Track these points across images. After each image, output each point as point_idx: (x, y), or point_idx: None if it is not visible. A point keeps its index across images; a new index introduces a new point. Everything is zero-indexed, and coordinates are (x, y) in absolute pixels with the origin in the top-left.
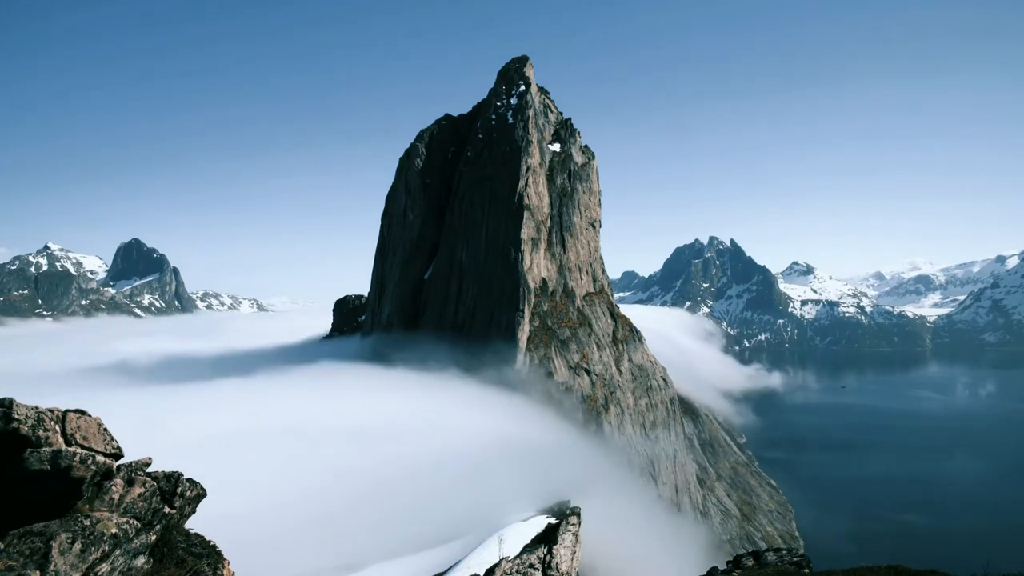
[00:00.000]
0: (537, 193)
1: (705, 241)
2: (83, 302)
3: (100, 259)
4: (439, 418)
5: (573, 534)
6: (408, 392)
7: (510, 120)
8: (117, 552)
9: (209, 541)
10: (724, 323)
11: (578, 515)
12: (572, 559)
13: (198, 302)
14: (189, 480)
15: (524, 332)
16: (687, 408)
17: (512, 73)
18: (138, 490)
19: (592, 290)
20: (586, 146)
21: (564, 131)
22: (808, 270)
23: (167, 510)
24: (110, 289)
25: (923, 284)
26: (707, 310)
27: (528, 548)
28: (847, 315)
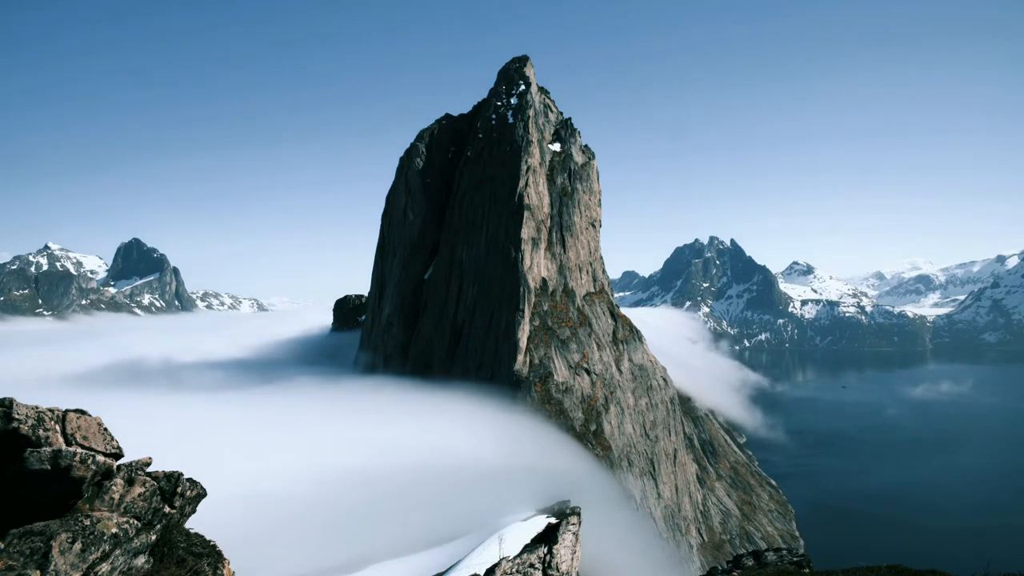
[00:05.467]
0: (537, 193)
1: (705, 241)
2: (83, 302)
3: (100, 259)
4: (439, 419)
5: (573, 534)
6: (408, 393)
7: (510, 120)
8: (117, 552)
9: (209, 541)
10: (724, 323)
11: (578, 515)
12: (572, 559)
13: (198, 302)
14: (189, 480)
15: (524, 332)
16: (687, 408)
17: (512, 73)
18: (138, 490)
19: (592, 290)
20: (586, 146)
21: (564, 131)
22: (808, 270)
23: (167, 510)
24: (110, 289)
25: (923, 284)
26: (707, 310)
27: (528, 548)
28: (847, 315)
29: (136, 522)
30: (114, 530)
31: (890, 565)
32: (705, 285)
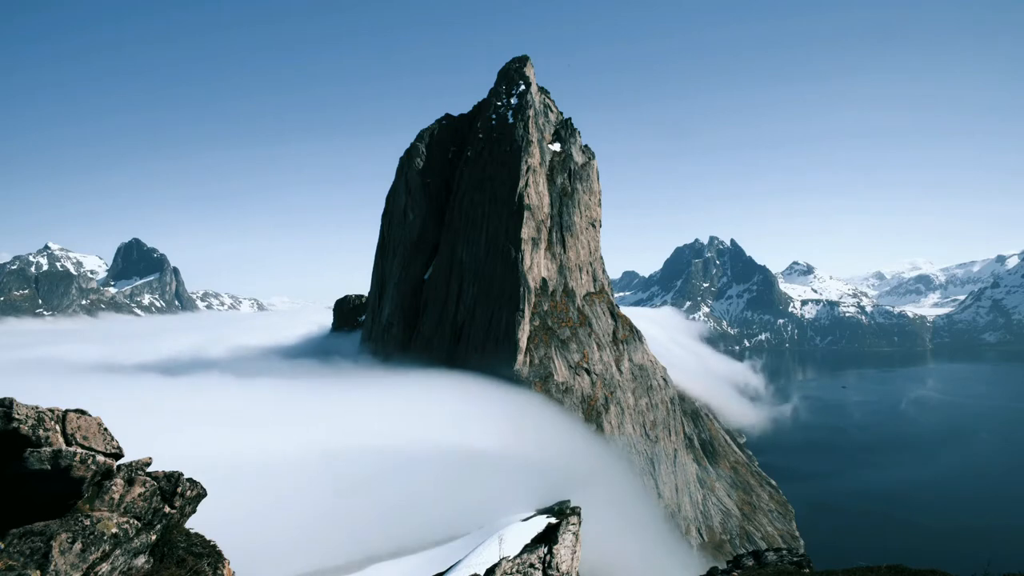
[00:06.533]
0: (537, 193)
1: (705, 241)
2: (83, 302)
3: (100, 259)
4: (440, 419)
5: (573, 534)
6: (408, 393)
7: (510, 120)
8: (117, 552)
9: (209, 541)
10: (724, 323)
11: (578, 515)
12: (572, 559)
13: (198, 302)
14: (189, 480)
15: (524, 332)
16: (687, 408)
17: (512, 73)
18: (138, 490)
19: (592, 290)
20: (586, 146)
21: (564, 131)
22: (808, 270)
23: (167, 510)
24: (110, 289)
25: (923, 284)
26: (707, 310)
27: (528, 548)
28: (847, 315)
29: (136, 522)
30: (114, 530)
31: (890, 565)
32: (705, 285)
